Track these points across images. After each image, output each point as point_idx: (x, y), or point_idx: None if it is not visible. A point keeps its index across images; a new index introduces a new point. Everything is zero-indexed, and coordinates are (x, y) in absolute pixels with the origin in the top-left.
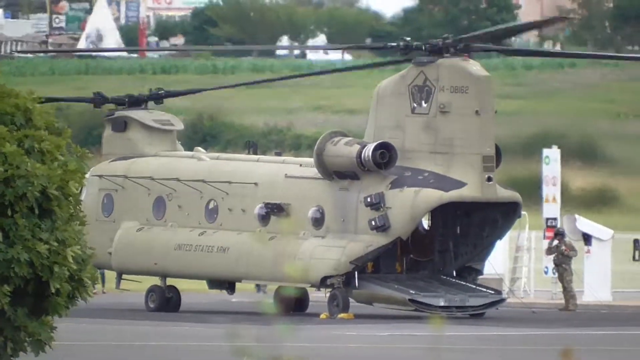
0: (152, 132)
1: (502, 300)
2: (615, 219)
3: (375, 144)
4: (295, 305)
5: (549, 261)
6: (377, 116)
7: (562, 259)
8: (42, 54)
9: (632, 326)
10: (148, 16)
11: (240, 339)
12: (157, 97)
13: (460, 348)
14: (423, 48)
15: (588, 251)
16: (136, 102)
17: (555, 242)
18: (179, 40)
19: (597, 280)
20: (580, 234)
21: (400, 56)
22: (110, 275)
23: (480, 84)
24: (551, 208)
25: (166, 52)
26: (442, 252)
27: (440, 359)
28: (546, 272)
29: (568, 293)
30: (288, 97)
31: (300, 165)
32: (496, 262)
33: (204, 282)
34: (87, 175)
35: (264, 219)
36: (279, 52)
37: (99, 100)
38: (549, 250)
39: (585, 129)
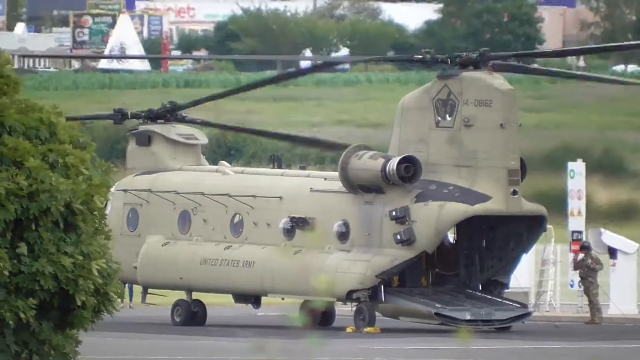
0: (177, 146)
1: (529, 314)
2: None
3: (399, 157)
4: (321, 319)
5: (574, 275)
6: (402, 130)
7: (588, 272)
8: (66, 68)
9: None
10: (171, 30)
11: (267, 352)
12: (178, 119)
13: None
14: (449, 61)
15: (613, 264)
16: (157, 116)
17: (581, 255)
18: (201, 54)
19: (622, 294)
20: (606, 248)
21: (425, 69)
22: (137, 290)
23: (504, 98)
24: (576, 221)
25: (190, 66)
26: (467, 265)
27: None
28: (572, 286)
29: (594, 306)
30: (311, 111)
31: (325, 179)
32: (522, 276)
33: (230, 295)
34: (111, 190)
35: (289, 233)
36: (302, 64)
37: (118, 117)
38: (576, 265)
39: (610, 142)
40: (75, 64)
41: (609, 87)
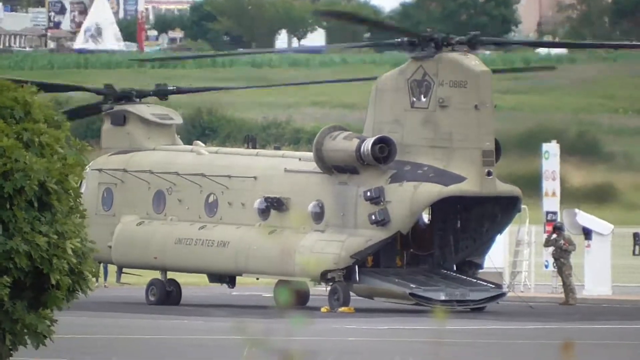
0: (151, 126)
1: (503, 294)
2: (615, 213)
3: (374, 138)
4: (296, 299)
5: (549, 255)
6: (376, 111)
7: (561, 253)
8: (42, 48)
9: (631, 320)
10: (147, 9)
11: (246, 332)
12: (165, 93)
13: (461, 342)
14: (437, 43)
15: (588, 245)
16: (139, 97)
17: (554, 236)
18: (177, 34)
19: (597, 275)
20: (581, 229)
21: (404, 50)
22: (112, 269)
23: (479, 79)
24: (551, 202)
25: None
26: (442, 246)
27: (441, 353)
28: (546, 266)
29: (567, 287)
30: (286, 92)
31: (300, 159)
32: (496, 257)
33: (204, 275)
34: (86, 169)
35: (264, 213)
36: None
37: (108, 92)
38: (547, 242)
39: (585, 124)
40: (51, 44)
41: (584, 69)
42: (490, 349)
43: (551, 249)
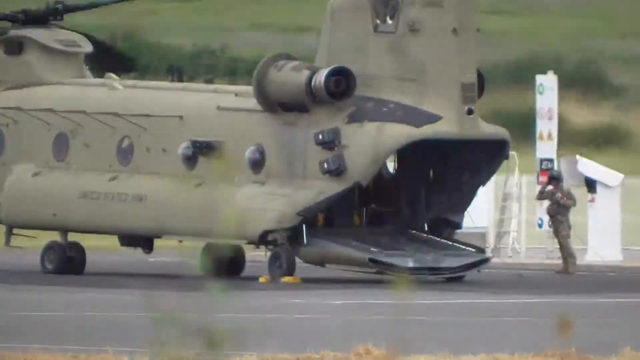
0: (54, 55)
1: (486, 260)
2: (624, 160)
3: (328, 69)
4: (228, 267)
5: (543, 212)
6: (332, 36)
7: (558, 209)
8: None
9: None
10: None
11: (162, 307)
12: (56, 13)
13: (433, 320)
14: None
15: (592, 200)
16: (34, 19)
17: (550, 188)
18: None
19: (603, 236)
20: (582, 179)
21: None
22: (1, 230)
23: None
24: (546, 147)
25: None
26: (411, 201)
27: (408, 334)
28: (540, 225)
29: (565, 251)
30: (222, 13)
31: (236, 94)
32: (478, 214)
33: (115, 237)
34: None
35: (191, 160)
36: None
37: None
38: (540, 196)
39: (586, 52)
40: None
41: None
42: (468, 329)
43: (546, 204)
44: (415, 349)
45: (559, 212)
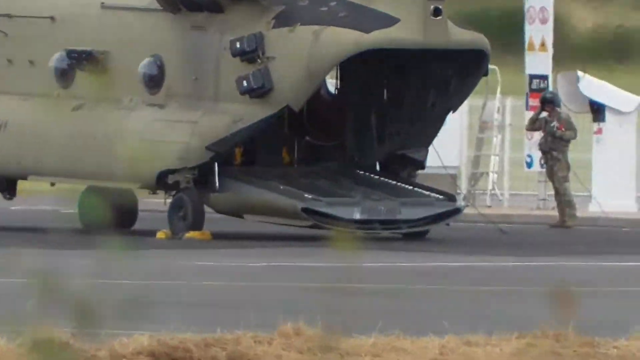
0: None
1: (457, 210)
2: None
3: None
4: (115, 218)
5: (534, 146)
6: None
7: (553, 143)
8: None
9: None
10: None
11: (28, 270)
12: None
13: (384, 289)
14: None
15: (598, 131)
16: None
17: (543, 115)
18: None
19: (612, 179)
20: (587, 103)
21: None
22: None
23: None
24: (539, 60)
25: None
26: (358, 131)
27: (351, 308)
28: (529, 165)
29: (563, 199)
30: None
31: None
32: (447, 150)
33: None
34: None
35: (65, 76)
36: None
37: None
38: (532, 124)
39: None
40: None
41: None
42: (432, 301)
43: (537, 135)
44: (360, 327)
45: (555, 147)
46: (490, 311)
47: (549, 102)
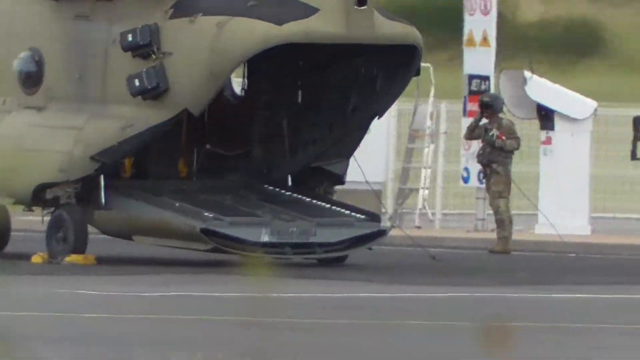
0: None
1: (381, 233)
2: (600, 77)
3: None
4: None
5: (472, 158)
6: None
7: (492, 154)
8: None
9: (619, 284)
10: None
11: None
12: None
13: (298, 323)
14: None
15: (547, 141)
16: None
17: (484, 120)
18: None
19: (562, 197)
20: (534, 108)
21: None
22: None
23: None
24: (479, 57)
25: None
26: (268, 139)
27: (258, 343)
28: (466, 180)
29: (504, 219)
30: None
31: None
32: (372, 162)
33: None
34: None
35: None
36: None
37: None
38: (470, 133)
39: None
40: None
41: None
42: (350, 337)
43: (476, 145)
44: None
45: (495, 159)
46: (416, 348)
47: (487, 107)
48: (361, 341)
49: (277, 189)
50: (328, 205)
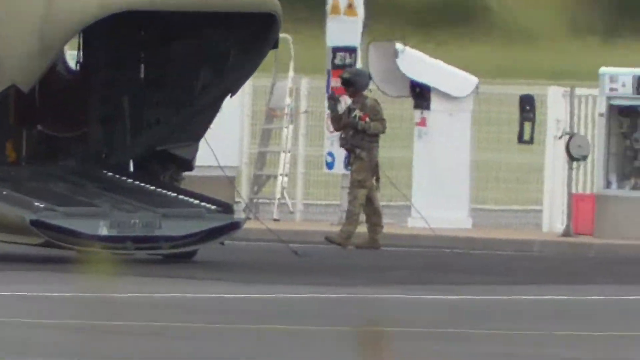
0: None
1: (235, 225)
2: (482, 49)
3: None
4: None
5: (336, 142)
6: None
7: (356, 139)
8: None
9: (505, 284)
10: None
11: None
12: None
13: (141, 327)
14: None
15: (422, 122)
16: None
17: (344, 100)
18: None
19: (438, 185)
20: (407, 84)
21: None
22: None
23: None
24: (345, 27)
25: None
26: (106, 119)
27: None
28: (330, 165)
29: (375, 211)
30: None
31: None
32: (224, 145)
33: None
34: None
35: None
36: None
37: None
38: (337, 123)
39: None
40: None
41: None
42: (200, 342)
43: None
44: None
45: (358, 144)
46: (273, 354)
47: (348, 84)
48: (208, 348)
49: (118, 176)
50: (175, 194)
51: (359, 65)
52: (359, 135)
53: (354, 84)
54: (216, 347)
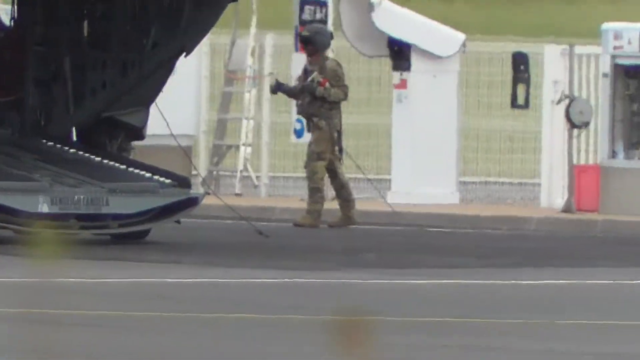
0: None
1: (192, 201)
2: (468, 3)
3: None
4: None
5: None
6: None
7: (313, 106)
8: None
9: (495, 266)
10: None
11: None
12: None
13: (85, 315)
14: None
15: (401, 84)
16: None
17: (306, 65)
18: None
19: (421, 158)
20: (384, 42)
21: None
22: None
23: None
24: None
25: None
26: (45, 83)
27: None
28: (299, 134)
29: (317, 190)
30: None
31: None
32: (179, 112)
33: None
34: None
35: None
36: None
37: None
38: (304, 76)
39: None
40: None
41: None
42: (153, 333)
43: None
44: None
45: (315, 112)
46: (233, 347)
47: (307, 42)
48: (163, 339)
49: (59, 146)
50: (124, 167)
51: (330, 19)
52: (317, 102)
53: (313, 42)
54: (172, 338)
